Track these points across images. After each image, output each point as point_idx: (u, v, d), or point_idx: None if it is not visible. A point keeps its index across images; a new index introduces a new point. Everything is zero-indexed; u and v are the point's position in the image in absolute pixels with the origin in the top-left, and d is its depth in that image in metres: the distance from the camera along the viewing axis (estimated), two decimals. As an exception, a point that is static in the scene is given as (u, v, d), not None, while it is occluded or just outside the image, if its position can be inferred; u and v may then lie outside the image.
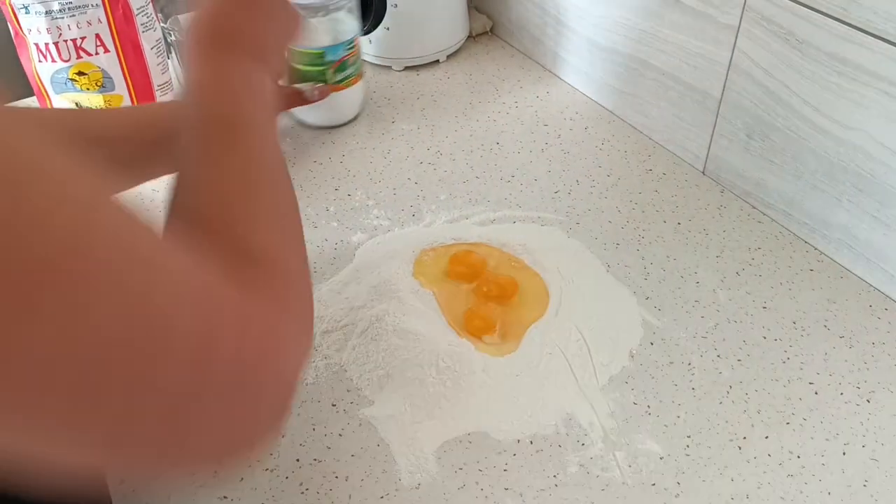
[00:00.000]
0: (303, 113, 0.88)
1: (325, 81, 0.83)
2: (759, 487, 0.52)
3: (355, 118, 0.90)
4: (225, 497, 0.52)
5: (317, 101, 0.80)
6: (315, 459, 0.54)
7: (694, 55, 0.75)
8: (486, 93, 0.94)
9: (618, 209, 0.76)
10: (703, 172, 0.80)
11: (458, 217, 0.75)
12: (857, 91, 0.62)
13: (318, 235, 0.73)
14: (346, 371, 0.60)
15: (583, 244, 0.72)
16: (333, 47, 0.82)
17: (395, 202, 0.77)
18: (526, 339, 0.62)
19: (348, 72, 0.85)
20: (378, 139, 0.86)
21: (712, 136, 0.77)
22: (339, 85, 0.84)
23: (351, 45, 0.84)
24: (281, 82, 0.74)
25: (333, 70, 0.83)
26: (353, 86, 0.87)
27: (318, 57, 0.82)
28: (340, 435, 0.56)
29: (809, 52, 0.64)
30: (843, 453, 0.55)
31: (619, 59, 0.85)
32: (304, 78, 0.83)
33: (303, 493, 0.52)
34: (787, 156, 0.70)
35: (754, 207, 0.75)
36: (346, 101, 0.88)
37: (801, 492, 0.52)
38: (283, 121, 0.87)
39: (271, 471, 0.54)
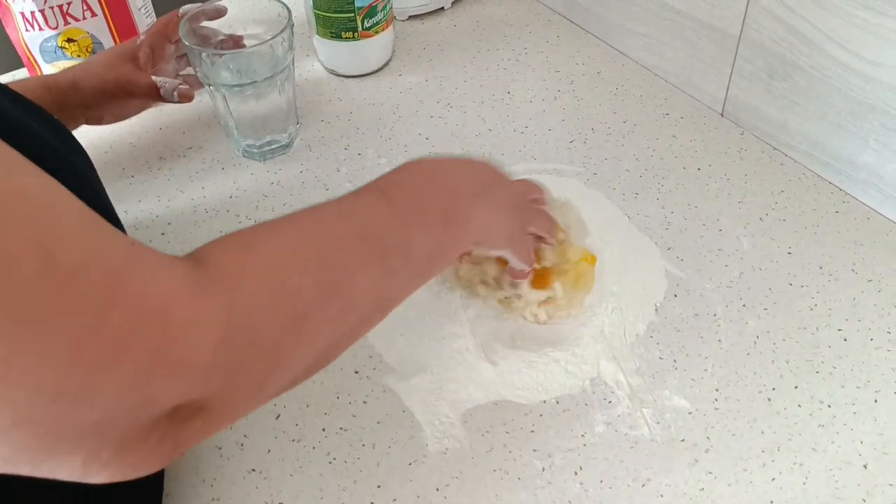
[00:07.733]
0: (332, 62, 0.86)
1: (355, 29, 0.82)
2: (789, 439, 0.52)
3: (386, 64, 0.88)
4: (253, 470, 0.52)
5: (176, 102, 0.72)
6: (341, 428, 0.54)
7: (711, -8, 0.72)
8: (495, 40, 0.91)
9: (635, 157, 0.74)
10: (721, 115, 0.77)
11: (471, 172, 0.73)
12: (885, 25, 0.59)
13: (330, 198, 0.72)
14: (366, 337, 0.59)
15: (602, 195, 0.70)
16: None
17: (407, 159, 0.75)
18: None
19: (378, 17, 0.82)
20: (386, 94, 0.84)
21: (731, 76, 0.75)
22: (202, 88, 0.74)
23: None
24: (156, 78, 0.71)
25: (362, 16, 0.81)
26: (383, 32, 0.85)
27: (347, 3, 0.79)
28: (365, 402, 0.55)
29: (834, -14, 0.61)
30: (875, 401, 0.54)
31: (632, -2, 0.82)
32: (334, 26, 0.81)
33: (330, 462, 0.52)
34: (811, 95, 0.67)
35: (776, 149, 0.73)
36: (376, 48, 0.86)
37: (833, 442, 0.52)
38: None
39: (297, 441, 0.53)
